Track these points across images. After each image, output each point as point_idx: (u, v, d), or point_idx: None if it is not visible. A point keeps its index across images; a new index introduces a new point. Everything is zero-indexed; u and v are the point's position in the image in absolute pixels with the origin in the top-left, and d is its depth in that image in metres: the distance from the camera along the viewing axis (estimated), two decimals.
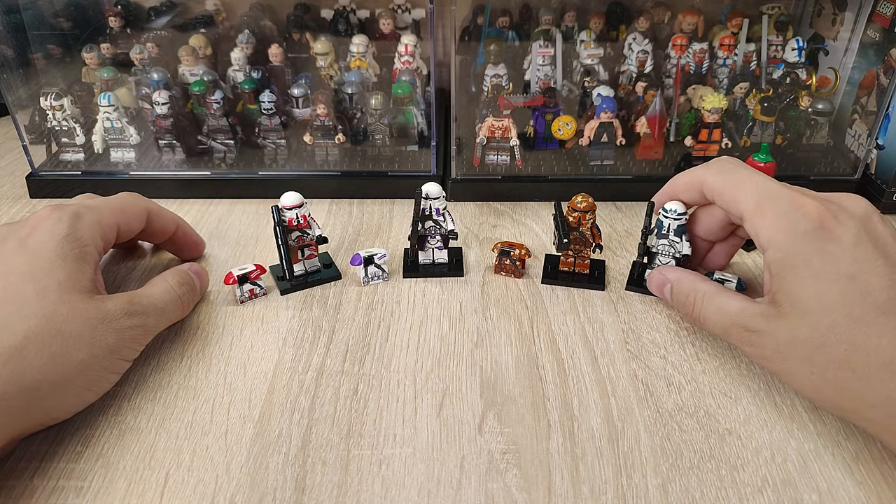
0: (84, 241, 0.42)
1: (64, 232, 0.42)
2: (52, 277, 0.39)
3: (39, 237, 0.41)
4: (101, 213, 0.45)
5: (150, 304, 0.44)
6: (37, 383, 0.36)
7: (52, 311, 0.38)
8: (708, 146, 0.64)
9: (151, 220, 0.50)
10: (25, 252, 0.40)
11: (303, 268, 0.53)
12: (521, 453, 0.39)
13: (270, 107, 0.65)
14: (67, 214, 0.43)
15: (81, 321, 0.38)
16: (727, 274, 0.50)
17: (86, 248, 0.42)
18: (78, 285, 0.40)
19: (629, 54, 0.68)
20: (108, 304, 0.41)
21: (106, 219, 0.46)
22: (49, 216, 0.42)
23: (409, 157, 0.68)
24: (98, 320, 0.39)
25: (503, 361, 0.45)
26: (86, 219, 0.44)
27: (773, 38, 0.68)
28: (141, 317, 0.42)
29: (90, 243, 0.43)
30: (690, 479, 0.37)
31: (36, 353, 0.36)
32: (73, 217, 0.43)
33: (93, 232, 0.44)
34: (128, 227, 0.48)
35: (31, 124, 0.67)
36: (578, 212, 0.50)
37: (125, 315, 0.41)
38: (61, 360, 0.37)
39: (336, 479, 0.37)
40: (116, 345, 0.40)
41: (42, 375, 0.36)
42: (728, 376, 0.44)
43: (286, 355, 0.46)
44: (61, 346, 0.37)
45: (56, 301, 0.38)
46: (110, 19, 0.70)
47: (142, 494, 0.37)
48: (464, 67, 0.71)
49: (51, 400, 0.37)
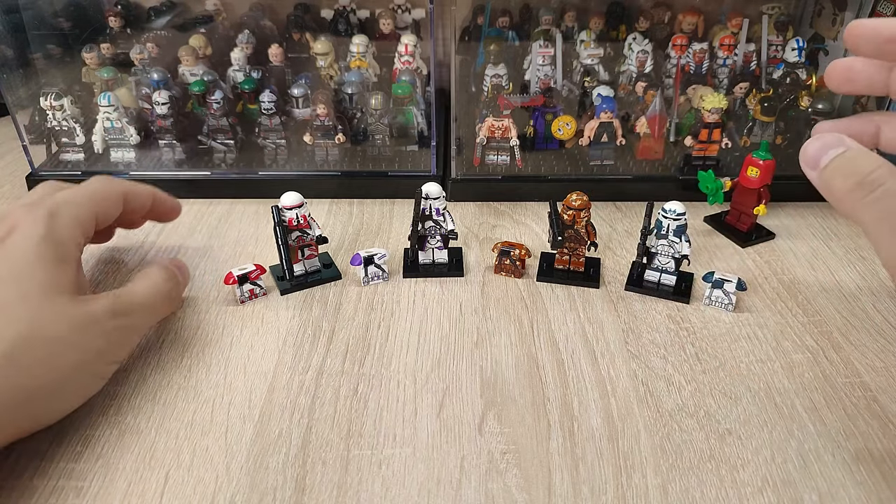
0: (63, 240, 0.41)
1: (41, 233, 0.40)
2: (33, 281, 0.38)
3: (17, 240, 0.40)
4: (78, 207, 0.44)
5: (135, 302, 0.42)
6: (26, 390, 0.35)
7: (36, 316, 0.37)
8: (708, 146, 0.64)
9: (128, 200, 0.48)
10: (4, 256, 0.39)
11: (303, 268, 0.53)
12: (521, 453, 0.39)
13: (270, 107, 0.64)
14: (43, 214, 0.41)
15: (67, 325, 0.38)
16: (727, 274, 0.50)
17: (65, 247, 0.41)
18: (60, 287, 0.39)
19: (629, 54, 0.68)
20: (92, 305, 0.39)
21: (83, 212, 0.44)
22: (25, 217, 0.41)
23: (409, 157, 0.68)
24: (83, 323, 0.38)
25: (503, 361, 0.46)
26: (63, 216, 0.42)
27: (773, 38, 0.68)
28: (127, 316, 0.41)
29: (69, 242, 0.42)
30: (690, 479, 0.37)
31: (24, 360, 0.35)
32: (50, 216, 0.41)
33: (71, 229, 0.42)
34: (105, 215, 0.46)
35: (31, 124, 0.67)
36: (573, 210, 0.50)
37: (111, 315, 0.40)
38: (49, 365, 0.36)
39: (336, 479, 0.37)
40: (104, 347, 0.39)
41: (31, 381, 0.35)
42: (728, 376, 0.44)
43: (286, 355, 0.46)
44: (49, 351, 0.36)
45: (40, 305, 0.37)
46: (110, 19, 0.70)
47: (142, 494, 0.37)
48: (464, 67, 0.71)
49: (39, 406, 0.37)
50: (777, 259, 0.56)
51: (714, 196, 0.61)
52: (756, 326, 0.49)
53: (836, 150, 0.34)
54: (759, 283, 0.53)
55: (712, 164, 0.65)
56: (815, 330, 0.48)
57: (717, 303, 0.50)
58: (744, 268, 0.55)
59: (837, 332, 0.48)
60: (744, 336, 0.48)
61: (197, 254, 0.57)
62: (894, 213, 0.31)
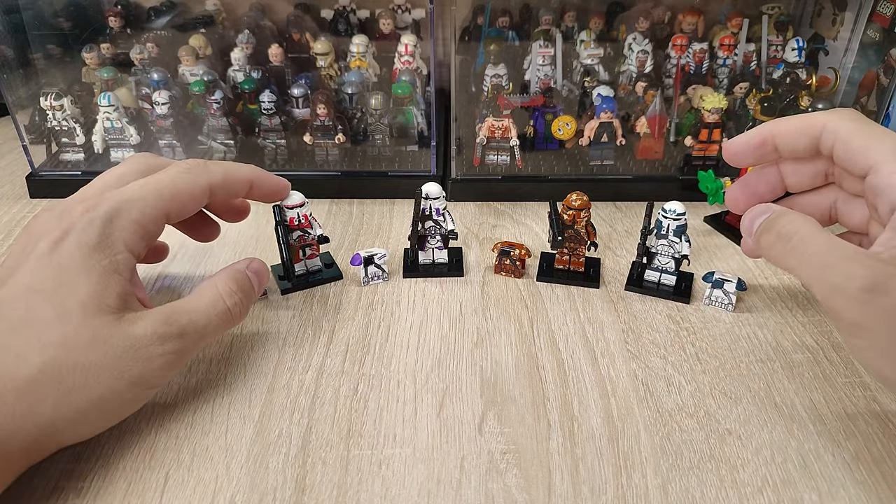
0: (116, 248, 0.38)
1: (94, 241, 0.37)
2: (75, 297, 0.35)
3: (67, 247, 0.37)
4: (146, 205, 0.40)
5: (189, 322, 0.39)
6: (51, 419, 0.34)
7: (71, 339, 0.34)
8: (708, 146, 0.64)
9: (215, 192, 0.43)
10: (51, 264, 0.36)
11: (304, 267, 0.53)
12: (521, 453, 0.39)
13: (270, 107, 0.65)
14: (101, 216, 0.38)
15: (104, 349, 0.35)
16: (727, 274, 0.50)
17: (117, 255, 0.38)
18: (104, 305, 0.36)
19: (629, 54, 0.68)
20: (137, 327, 0.36)
21: (150, 212, 0.40)
22: (80, 218, 0.38)
23: (409, 157, 0.68)
24: (123, 349, 0.36)
25: (503, 361, 0.45)
26: (122, 218, 0.38)
27: (773, 38, 0.68)
28: (176, 341, 0.38)
29: (123, 249, 0.38)
30: (690, 479, 0.37)
31: (52, 387, 0.34)
32: (107, 220, 0.38)
33: (129, 234, 0.39)
34: (180, 212, 0.42)
35: (31, 124, 0.67)
36: (573, 210, 0.50)
37: (157, 340, 0.37)
38: (78, 395, 0.34)
39: (336, 479, 0.37)
40: (141, 375, 0.36)
41: (57, 411, 0.34)
42: (728, 376, 0.44)
43: (286, 355, 0.46)
44: (79, 380, 0.34)
45: (77, 326, 0.35)
46: (110, 19, 0.70)
47: (142, 494, 0.36)
48: (464, 67, 0.71)
49: (65, 434, 0.35)
50: None
51: (714, 196, 0.61)
52: (756, 326, 0.49)
53: (762, 216, 0.40)
54: (759, 283, 0.53)
55: (712, 164, 0.65)
56: (815, 330, 0.48)
57: (717, 303, 0.50)
58: (744, 268, 0.55)
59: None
60: (744, 336, 0.48)
61: (197, 254, 0.57)
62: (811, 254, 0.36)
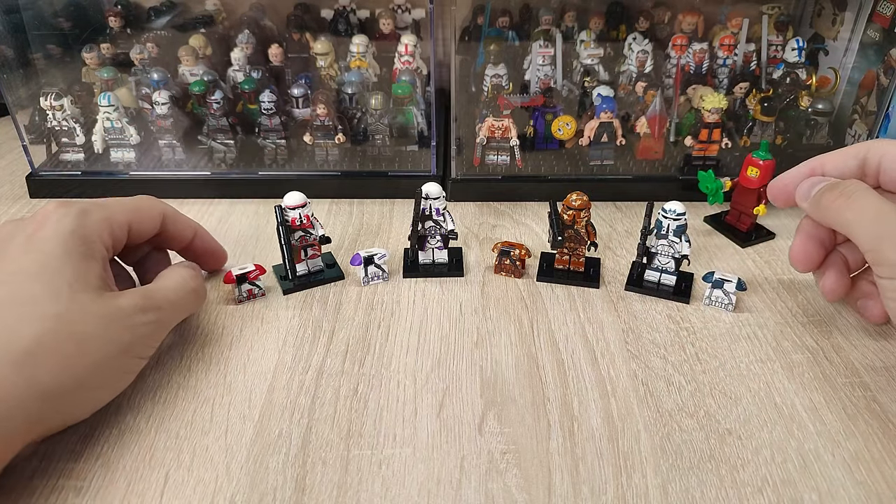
0: (90, 237, 0.41)
1: (70, 227, 0.40)
2: (61, 276, 0.38)
3: (45, 234, 0.40)
4: (112, 210, 0.44)
5: (163, 297, 0.43)
6: (51, 387, 0.35)
7: (63, 312, 0.37)
8: (708, 146, 0.64)
9: (166, 224, 0.48)
10: (32, 250, 0.39)
11: (305, 267, 0.53)
12: (521, 453, 0.39)
13: (270, 107, 0.65)
14: (74, 210, 0.42)
15: (94, 320, 0.38)
16: (727, 274, 0.50)
17: (92, 244, 0.41)
18: (87, 283, 0.39)
19: (629, 54, 0.68)
20: (120, 300, 0.40)
21: (116, 216, 0.44)
22: (55, 211, 0.41)
23: (409, 157, 0.68)
24: (111, 318, 0.38)
25: (503, 361, 0.45)
26: (93, 215, 0.42)
27: (773, 38, 0.68)
28: (155, 312, 0.41)
29: (97, 240, 0.42)
30: (690, 479, 0.37)
31: (49, 357, 0.35)
32: (80, 213, 0.42)
33: (100, 228, 0.42)
34: (140, 227, 0.46)
35: (31, 124, 0.67)
36: (573, 210, 0.50)
37: (139, 311, 0.40)
38: (75, 361, 0.36)
39: (336, 479, 0.37)
40: (131, 342, 0.39)
41: (56, 379, 0.35)
42: (728, 376, 0.44)
43: (286, 355, 0.46)
44: (74, 348, 0.36)
45: (67, 300, 0.37)
46: (110, 19, 0.70)
47: (142, 494, 0.37)
48: (464, 67, 0.71)
49: (66, 403, 0.37)
50: (777, 259, 0.56)
51: (714, 196, 0.61)
52: (756, 326, 0.49)
53: (822, 183, 0.45)
54: (759, 283, 0.53)
55: (712, 164, 0.65)
56: (815, 330, 0.48)
57: (717, 303, 0.50)
58: (744, 268, 0.55)
59: (837, 332, 0.48)
60: (744, 336, 0.48)
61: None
62: (867, 207, 0.41)
